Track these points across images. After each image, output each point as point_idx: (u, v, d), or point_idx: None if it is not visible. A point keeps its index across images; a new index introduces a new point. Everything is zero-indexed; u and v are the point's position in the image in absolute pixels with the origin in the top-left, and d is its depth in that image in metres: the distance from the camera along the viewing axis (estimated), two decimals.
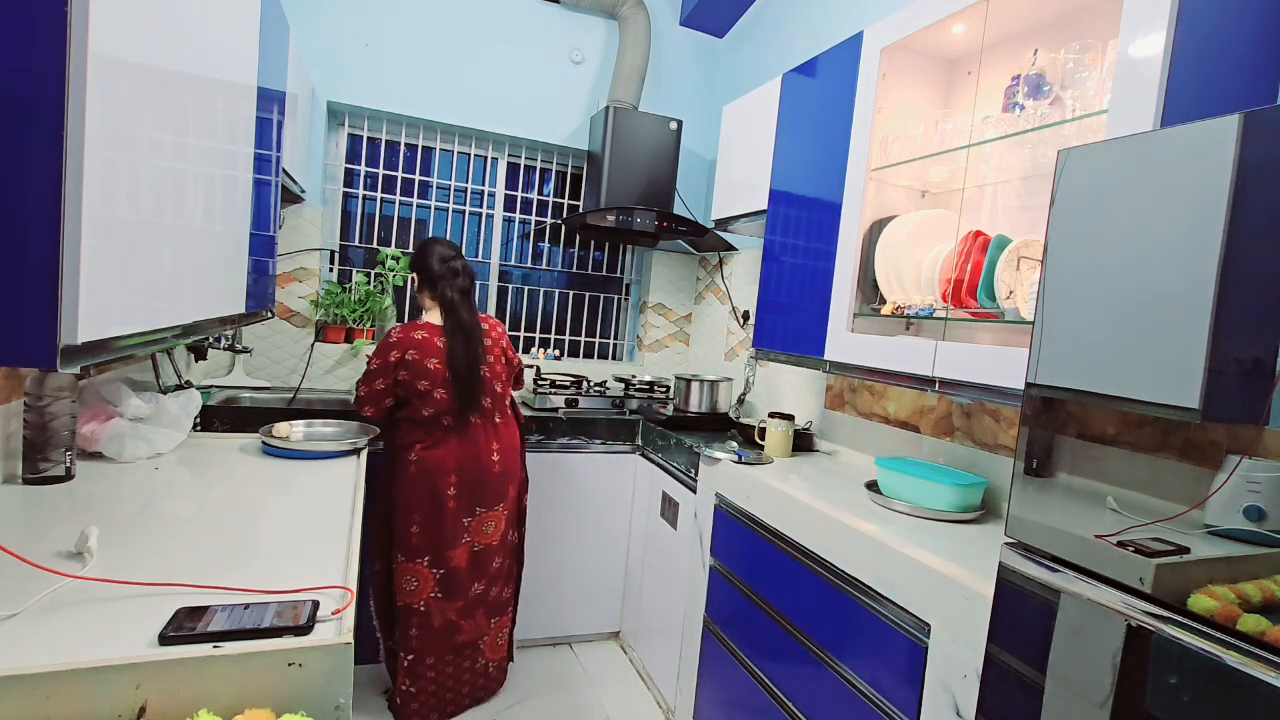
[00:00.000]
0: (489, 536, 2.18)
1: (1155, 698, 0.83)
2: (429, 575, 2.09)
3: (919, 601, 1.31)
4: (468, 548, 2.14)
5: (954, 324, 1.69)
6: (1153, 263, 0.87)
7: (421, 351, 2.06)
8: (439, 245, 2.17)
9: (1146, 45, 1.14)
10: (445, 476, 2.08)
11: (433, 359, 2.06)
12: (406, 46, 2.86)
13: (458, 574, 2.12)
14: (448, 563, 2.10)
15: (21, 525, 1.20)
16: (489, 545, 2.19)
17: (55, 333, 0.74)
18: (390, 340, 2.08)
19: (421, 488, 2.07)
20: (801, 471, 1.98)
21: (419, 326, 2.11)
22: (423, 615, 2.10)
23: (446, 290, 2.11)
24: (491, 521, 2.18)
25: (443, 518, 2.09)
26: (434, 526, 2.08)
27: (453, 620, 2.13)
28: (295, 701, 0.85)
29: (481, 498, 2.15)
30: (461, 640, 2.17)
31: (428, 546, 2.09)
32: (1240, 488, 0.78)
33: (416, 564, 2.09)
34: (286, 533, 1.31)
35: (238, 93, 1.41)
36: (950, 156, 1.68)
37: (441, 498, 2.08)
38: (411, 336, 2.07)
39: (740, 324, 2.97)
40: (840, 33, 2.31)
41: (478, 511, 2.15)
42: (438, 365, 2.06)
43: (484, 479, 2.14)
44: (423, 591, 2.09)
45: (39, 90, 0.70)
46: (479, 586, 2.18)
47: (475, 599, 2.18)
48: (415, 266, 2.20)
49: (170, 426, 1.75)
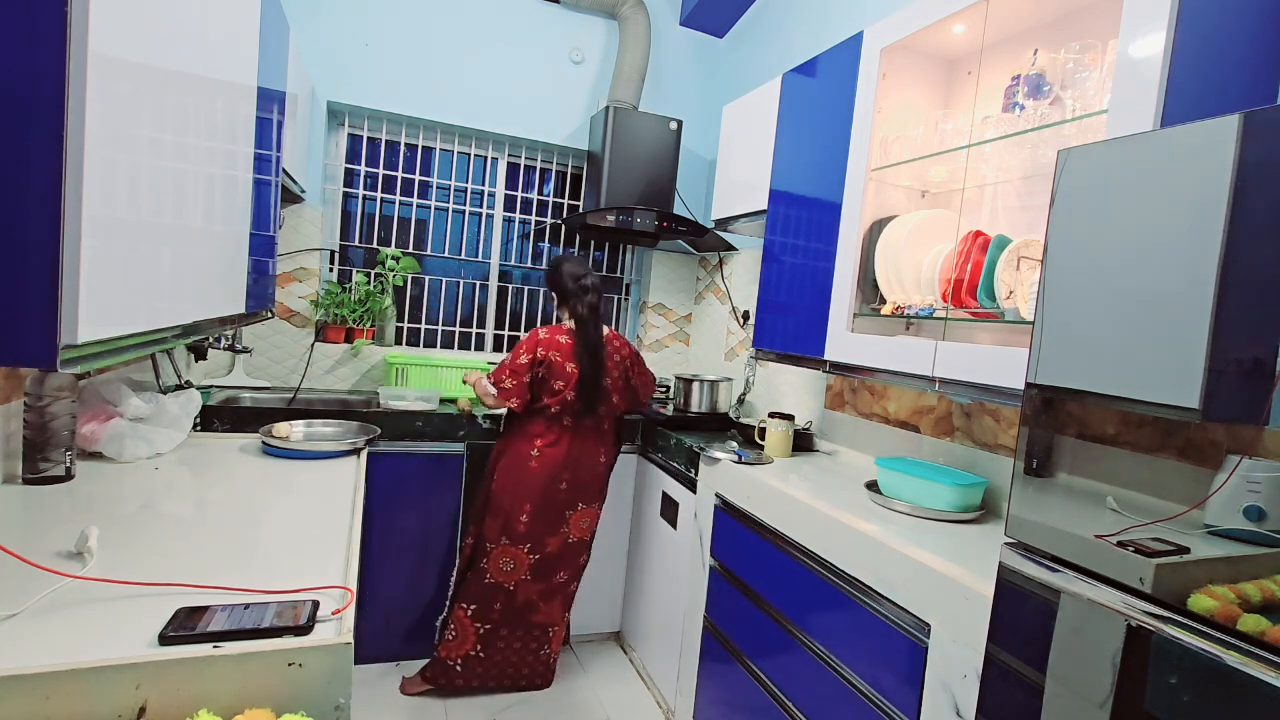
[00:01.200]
0: (583, 530, 2.37)
1: (1155, 698, 0.83)
2: (526, 560, 2.27)
3: (919, 601, 1.31)
4: (563, 538, 2.32)
5: (954, 324, 1.69)
6: (1153, 263, 0.87)
7: (563, 354, 2.26)
8: (569, 264, 2.35)
9: (1146, 45, 1.14)
10: (561, 472, 2.27)
11: (570, 363, 2.26)
12: (406, 46, 2.86)
13: (550, 559, 2.31)
14: (545, 549, 2.28)
15: (21, 525, 1.20)
16: (580, 539, 2.37)
17: (55, 333, 0.74)
18: (537, 338, 2.25)
19: (539, 480, 2.24)
20: (801, 471, 1.98)
21: (561, 331, 2.30)
22: (509, 594, 2.28)
23: (578, 306, 2.29)
24: (587, 517, 2.37)
25: (552, 510, 2.27)
26: (543, 517, 2.26)
27: (533, 600, 2.32)
28: (295, 701, 0.85)
29: (585, 494, 2.34)
30: (536, 619, 2.35)
31: (532, 534, 2.26)
32: (1240, 488, 0.78)
33: (518, 549, 2.26)
34: (286, 533, 1.30)
35: (238, 93, 1.41)
36: (950, 156, 1.68)
37: (554, 491, 2.27)
38: (555, 339, 2.27)
39: (740, 324, 2.97)
40: (840, 33, 2.31)
41: (579, 506, 2.33)
42: (574, 369, 2.26)
43: (590, 477, 2.34)
44: (517, 574, 2.27)
45: (39, 90, 0.70)
46: (563, 575, 2.36)
47: (557, 586, 2.36)
48: (551, 283, 2.38)
49: (170, 426, 1.75)
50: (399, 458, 2.41)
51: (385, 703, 2.26)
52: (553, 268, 2.36)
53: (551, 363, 2.23)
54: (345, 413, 2.33)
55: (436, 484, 2.48)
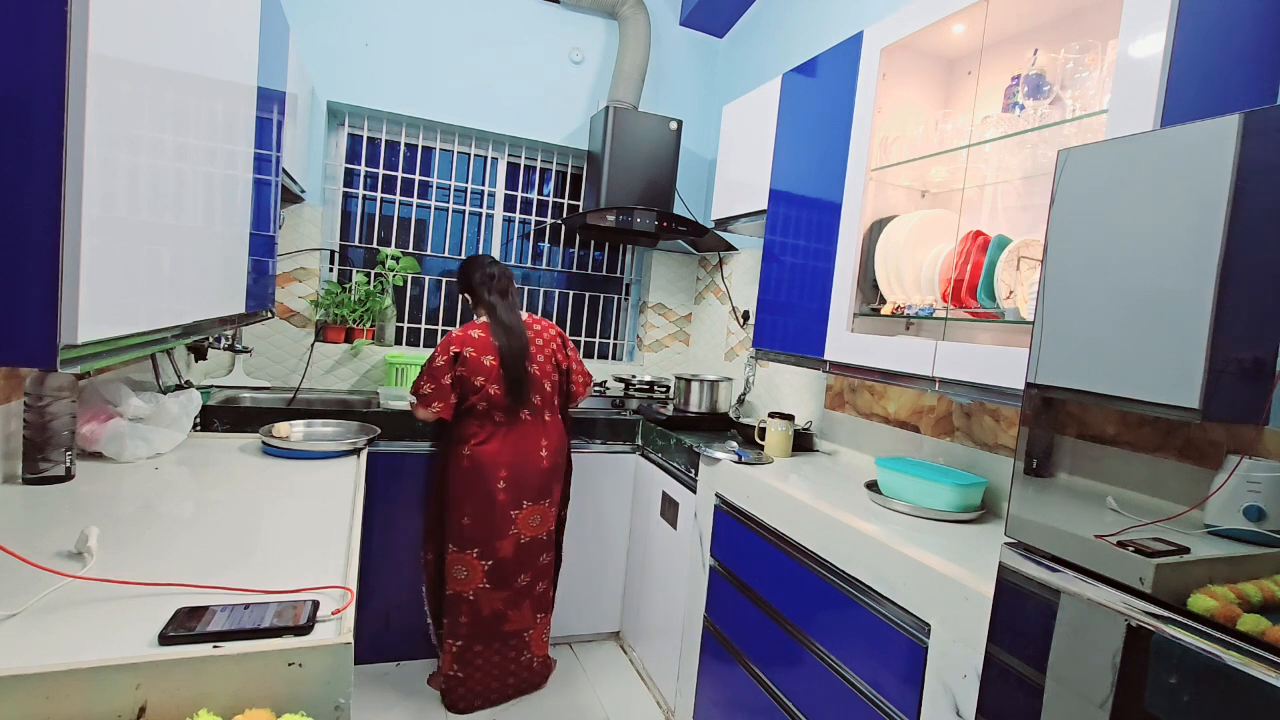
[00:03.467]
0: (535, 529, 2.28)
1: (1155, 698, 0.83)
2: (478, 566, 2.20)
3: (919, 601, 1.31)
4: (514, 539, 2.23)
5: (954, 324, 1.69)
6: (1153, 263, 0.87)
7: (478, 349, 2.17)
8: (478, 259, 2.32)
9: (1146, 45, 1.14)
10: (496, 471, 2.18)
11: (488, 356, 2.18)
12: (406, 46, 2.86)
13: (505, 564, 2.22)
14: (496, 553, 2.20)
15: (21, 525, 1.20)
16: (535, 538, 2.28)
17: (55, 333, 0.74)
18: (450, 338, 2.19)
19: (473, 481, 2.17)
20: (801, 471, 1.98)
21: (474, 326, 2.23)
22: (471, 604, 2.21)
23: (485, 294, 2.25)
24: (537, 515, 2.28)
25: (492, 510, 2.18)
26: (484, 518, 2.18)
27: (500, 609, 2.24)
28: (295, 701, 0.85)
29: (529, 492, 2.24)
30: (508, 630, 2.27)
31: (478, 538, 2.19)
32: (1240, 488, 0.78)
33: (467, 554, 2.19)
34: (286, 533, 1.30)
35: (238, 93, 1.41)
36: (950, 156, 1.68)
37: (492, 491, 2.18)
38: (468, 335, 2.20)
39: (740, 324, 2.97)
40: (840, 33, 2.31)
41: (525, 505, 2.24)
42: (493, 362, 2.18)
43: (532, 474, 2.24)
44: (472, 581, 2.20)
45: (39, 90, 0.70)
46: (525, 578, 2.28)
47: (522, 590, 2.27)
48: (462, 285, 2.33)
49: (170, 426, 1.75)
50: (399, 458, 2.41)
51: (385, 703, 2.26)
52: (461, 268, 2.34)
53: (467, 359, 2.15)
54: (345, 413, 2.33)
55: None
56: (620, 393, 3.11)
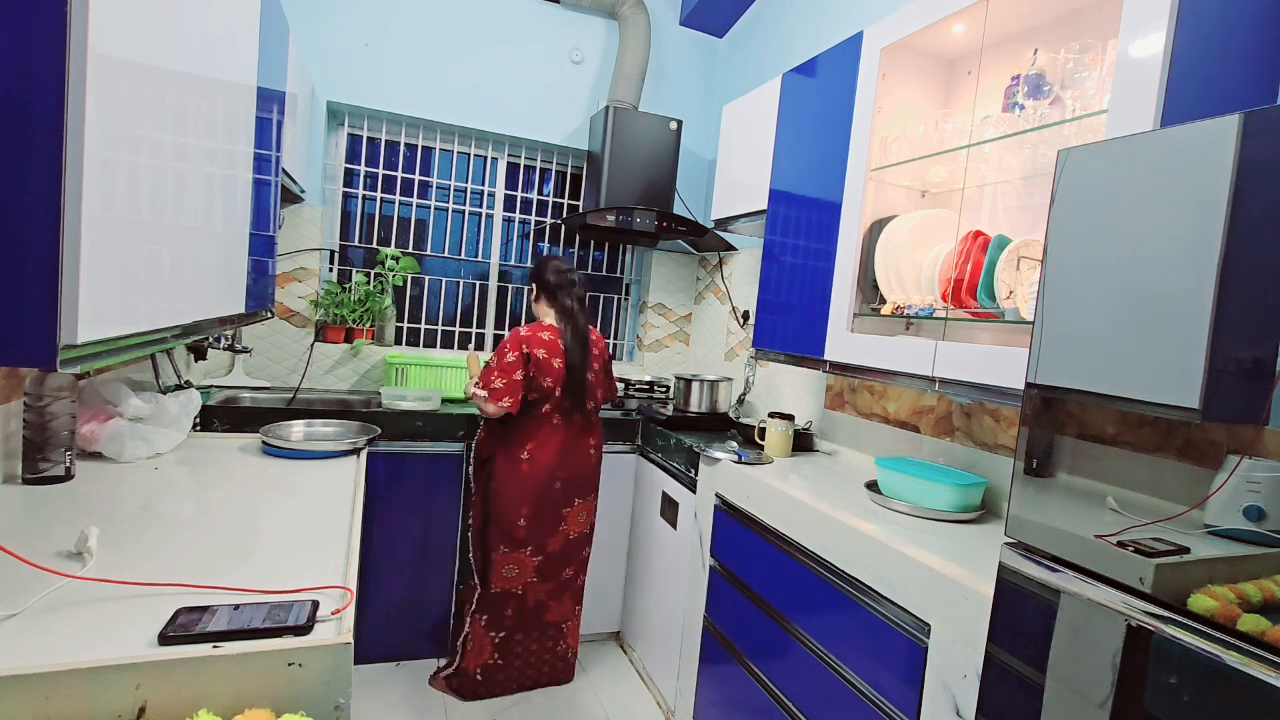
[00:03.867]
0: (581, 525, 2.37)
1: (1155, 698, 0.83)
2: (530, 562, 2.27)
3: (919, 601, 1.31)
4: (564, 535, 2.32)
5: (954, 324, 1.69)
6: (1152, 262, 0.87)
7: (549, 350, 2.22)
8: (554, 260, 2.36)
9: (1146, 45, 1.14)
10: (555, 472, 2.26)
11: (556, 359, 2.23)
12: (406, 46, 2.86)
13: (553, 559, 2.31)
14: (546, 549, 2.28)
15: (21, 525, 1.20)
16: (581, 533, 2.37)
17: (55, 333, 0.74)
18: (520, 336, 2.21)
19: (532, 484, 2.23)
20: (801, 471, 1.98)
21: (542, 328, 2.27)
22: (519, 599, 2.28)
23: (565, 299, 2.28)
24: (584, 511, 2.37)
25: (549, 510, 2.26)
26: (540, 519, 2.25)
27: (543, 600, 2.32)
28: (295, 701, 0.85)
29: (580, 489, 2.33)
30: (549, 619, 2.36)
31: (532, 537, 2.25)
32: (1240, 488, 0.78)
33: (520, 553, 2.25)
34: (286, 533, 1.30)
35: (238, 93, 1.41)
36: (950, 156, 1.68)
37: (550, 492, 2.26)
38: (538, 336, 2.23)
39: (740, 324, 2.97)
40: (840, 33, 2.31)
41: (575, 502, 2.33)
42: (560, 365, 2.23)
43: (583, 471, 2.33)
44: (522, 577, 2.27)
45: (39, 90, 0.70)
46: (570, 571, 2.36)
47: (565, 582, 2.36)
48: (534, 278, 2.36)
49: (170, 426, 1.75)
50: (399, 458, 2.41)
51: (385, 703, 2.26)
52: (538, 264, 2.36)
53: (539, 360, 2.20)
54: (345, 413, 2.33)
55: (436, 484, 2.48)
56: (620, 393, 3.11)
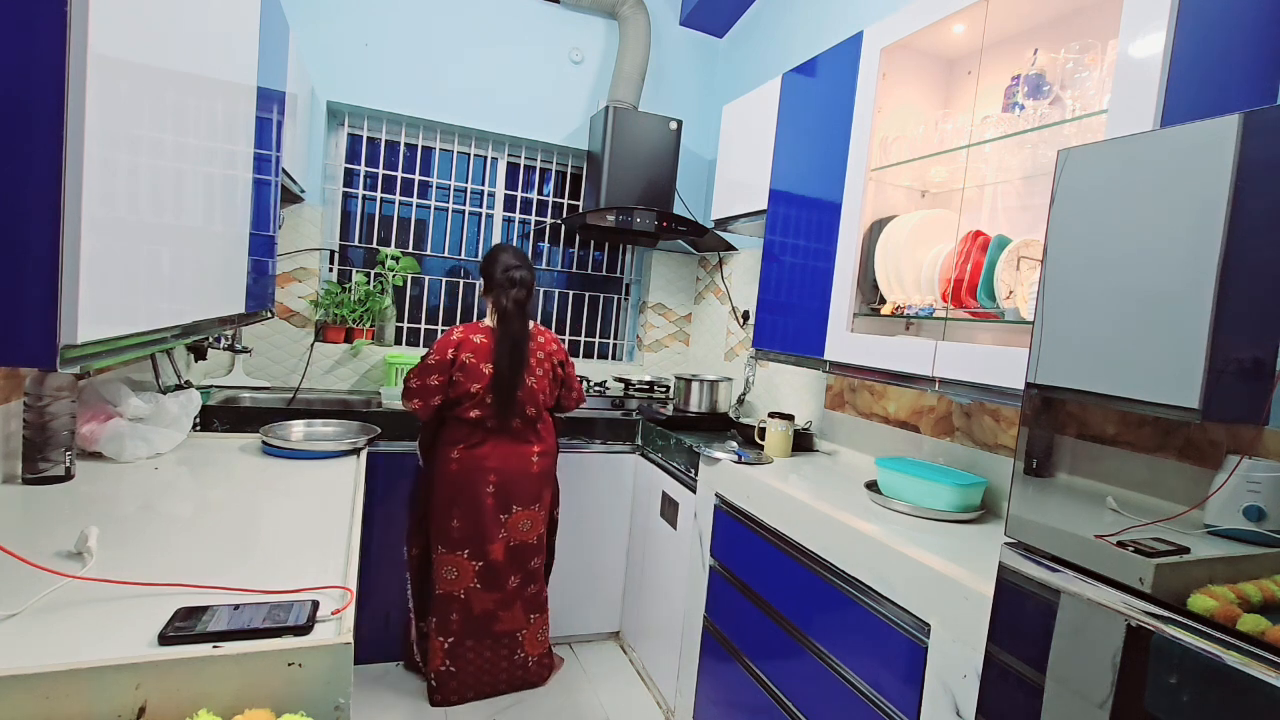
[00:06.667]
0: (525, 534, 2.29)
1: (1155, 698, 0.83)
2: (469, 566, 2.22)
3: (919, 601, 1.31)
4: (504, 543, 2.25)
5: (954, 324, 1.69)
6: (1153, 262, 0.87)
7: (478, 355, 2.15)
8: (505, 253, 2.24)
9: (1146, 45, 1.14)
10: (485, 475, 2.19)
11: (486, 364, 2.15)
12: (406, 46, 2.86)
13: (496, 567, 2.24)
14: (486, 555, 2.22)
15: (21, 525, 1.20)
16: (525, 542, 2.29)
17: (55, 333, 0.74)
18: (451, 338, 2.15)
19: (461, 484, 2.18)
20: (801, 471, 1.98)
21: (478, 329, 2.20)
22: (463, 603, 2.22)
23: (502, 298, 2.18)
24: (527, 519, 2.29)
25: (482, 514, 2.20)
26: (473, 522, 2.20)
27: (490, 610, 2.26)
28: (295, 701, 0.85)
29: (519, 497, 2.25)
30: (500, 629, 2.29)
31: (467, 540, 2.20)
32: (1240, 488, 0.78)
33: (457, 555, 2.21)
34: (286, 533, 1.30)
35: (238, 92, 1.41)
36: (950, 156, 1.68)
37: (480, 495, 2.19)
38: (469, 338, 2.17)
39: (740, 324, 2.97)
40: (840, 32, 2.31)
41: (514, 510, 2.25)
42: (490, 370, 2.15)
43: (522, 480, 2.25)
44: (463, 581, 2.22)
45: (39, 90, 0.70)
46: (515, 580, 2.29)
47: (513, 592, 2.29)
48: (482, 271, 2.28)
49: (170, 426, 1.75)
50: (399, 458, 2.41)
51: (385, 703, 2.26)
52: (488, 254, 2.27)
53: (466, 364, 2.12)
54: (345, 413, 2.33)
55: None
56: (620, 393, 3.11)
